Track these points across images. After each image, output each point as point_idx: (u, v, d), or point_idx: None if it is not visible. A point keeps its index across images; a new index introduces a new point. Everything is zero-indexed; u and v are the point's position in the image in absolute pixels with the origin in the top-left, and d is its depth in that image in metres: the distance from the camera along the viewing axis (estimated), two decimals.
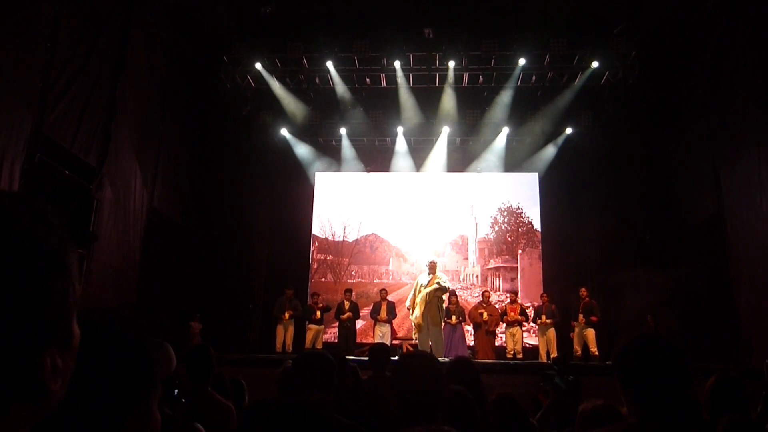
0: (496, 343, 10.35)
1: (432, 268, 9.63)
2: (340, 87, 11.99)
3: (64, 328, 0.56)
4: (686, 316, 9.58)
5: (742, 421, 1.62)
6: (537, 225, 12.64)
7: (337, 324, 10.40)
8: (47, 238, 0.54)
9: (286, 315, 10.23)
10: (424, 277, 9.67)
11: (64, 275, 0.55)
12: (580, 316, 9.94)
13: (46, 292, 0.52)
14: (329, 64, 11.48)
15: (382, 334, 9.98)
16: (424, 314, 9.34)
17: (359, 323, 10.75)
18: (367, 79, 12.05)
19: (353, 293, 10.79)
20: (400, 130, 12.46)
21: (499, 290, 12.31)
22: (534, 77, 11.73)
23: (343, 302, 10.37)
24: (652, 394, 1.39)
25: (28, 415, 0.54)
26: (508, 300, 10.83)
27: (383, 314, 10.06)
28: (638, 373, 1.42)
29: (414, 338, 9.87)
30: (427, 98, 12.23)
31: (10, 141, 6.37)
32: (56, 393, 0.55)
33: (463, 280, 12.44)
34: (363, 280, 12.63)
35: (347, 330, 10.20)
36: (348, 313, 10.16)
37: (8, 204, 0.54)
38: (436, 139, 12.59)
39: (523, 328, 10.47)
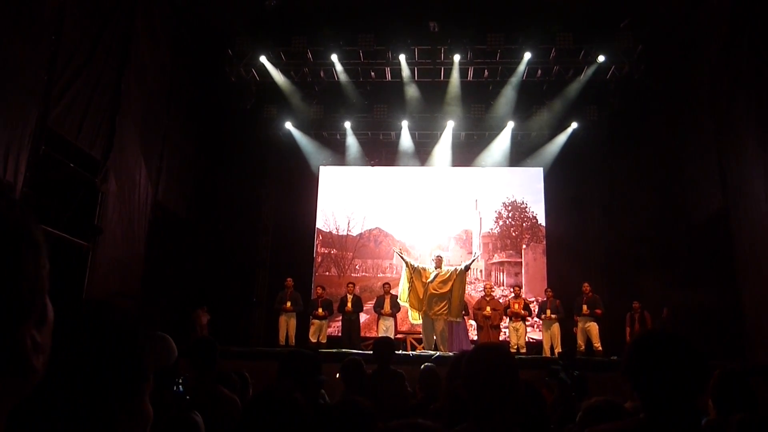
0: (500, 338, 10.34)
1: (438, 262, 9.61)
2: (345, 81, 11.96)
3: (40, 303, 0.56)
4: (691, 312, 9.53)
5: (756, 419, 1.60)
6: (541, 220, 12.61)
7: (341, 317, 10.43)
8: (10, 212, 0.53)
9: (288, 304, 10.26)
10: (430, 269, 9.60)
11: (34, 248, 0.54)
12: (584, 307, 9.96)
13: (20, 266, 0.52)
14: (334, 58, 11.45)
15: (385, 328, 9.98)
16: (428, 306, 9.32)
17: (363, 317, 10.76)
18: (372, 73, 12.02)
19: (356, 287, 10.80)
20: (404, 124, 12.43)
21: (503, 285, 12.31)
22: (539, 71, 11.67)
23: (346, 295, 10.39)
24: (662, 390, 1.38)
25: (12, 391, 0.54)
26: (512, 294, 10.81)
27: (387, 308, 10.06)
28: (648, 368, 1.41)
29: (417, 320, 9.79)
30: (432, 92, 12.20)
31: (15, 134, 6.37)
32: (39, 369, 0.55)
33: (467, 274, 12.42)
34: (367, 274, 12.64)
35: (351, 323, 10.21)
36: (348, 306, 10.21)
37: None
38: (441, 133, 12.57)
39: (527, 323, 10.47)
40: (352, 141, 12.77)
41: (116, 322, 0.76)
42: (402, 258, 9.81)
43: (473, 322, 10.48)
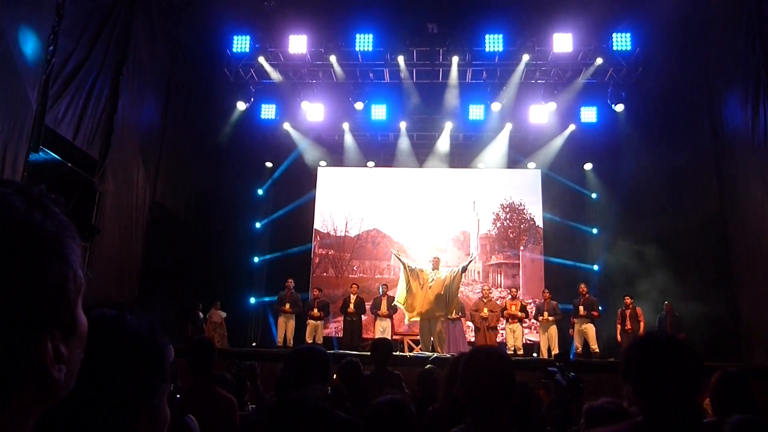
0: (497, 340, 10.33)
1: (435, 264, 9.60)
2: (344, 81, 11.95)
3: (66, 315, 0.55)
4: (688, 314, 9.55)
5: (752, 421, 1.61)
6: (539, 221, 12.62)
7: (341, 319, 10.41)
8: (42, 224, 0.53)
9: (287, 306, 10.25)
10: (428, 271, 9.59)
11: (61, 261, 0.54)
12: (581, 308, 9.96)
13: (40, 276, 0.51)
14: (332, 59, 11.45)
15: (382, 329, 9.97)
16: (430, 308, 9.31)
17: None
18: (371, 74, 12.02)
19: (358, 287, 10.77)
20: (403, 125, 12.44)
21: (501, 286, 12.31)
22: (538, 73, 11.69)
23: (349, 296, 10.37)
24: (659, 392, 1.38)
25: (33, 403, 0.53)
26: (509, 296, 10.81)
27: (384, 309, 10.05)
28: (645, 370, 1.41)
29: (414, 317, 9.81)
30: (431, 93, 12.20)
31: (13, 133, 6.36)
32: (60, 381, 0.54)
33: (465, 276, 12.43)
34: (364, 275, 12.63)
35: (352, 325, 10.17)
36: (350, 307, 10.19)
37: (2, 191, 0.53)
38: (439, 135, 12.58)
39: (524, 325, 10.46)
40: (350, 142, 12.77)
41: (139, 325, 0.77)
42: (399, 259, 9.80)
43: (470, 324, 10.48)
